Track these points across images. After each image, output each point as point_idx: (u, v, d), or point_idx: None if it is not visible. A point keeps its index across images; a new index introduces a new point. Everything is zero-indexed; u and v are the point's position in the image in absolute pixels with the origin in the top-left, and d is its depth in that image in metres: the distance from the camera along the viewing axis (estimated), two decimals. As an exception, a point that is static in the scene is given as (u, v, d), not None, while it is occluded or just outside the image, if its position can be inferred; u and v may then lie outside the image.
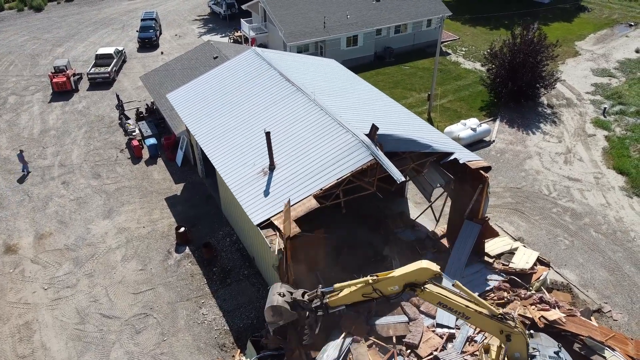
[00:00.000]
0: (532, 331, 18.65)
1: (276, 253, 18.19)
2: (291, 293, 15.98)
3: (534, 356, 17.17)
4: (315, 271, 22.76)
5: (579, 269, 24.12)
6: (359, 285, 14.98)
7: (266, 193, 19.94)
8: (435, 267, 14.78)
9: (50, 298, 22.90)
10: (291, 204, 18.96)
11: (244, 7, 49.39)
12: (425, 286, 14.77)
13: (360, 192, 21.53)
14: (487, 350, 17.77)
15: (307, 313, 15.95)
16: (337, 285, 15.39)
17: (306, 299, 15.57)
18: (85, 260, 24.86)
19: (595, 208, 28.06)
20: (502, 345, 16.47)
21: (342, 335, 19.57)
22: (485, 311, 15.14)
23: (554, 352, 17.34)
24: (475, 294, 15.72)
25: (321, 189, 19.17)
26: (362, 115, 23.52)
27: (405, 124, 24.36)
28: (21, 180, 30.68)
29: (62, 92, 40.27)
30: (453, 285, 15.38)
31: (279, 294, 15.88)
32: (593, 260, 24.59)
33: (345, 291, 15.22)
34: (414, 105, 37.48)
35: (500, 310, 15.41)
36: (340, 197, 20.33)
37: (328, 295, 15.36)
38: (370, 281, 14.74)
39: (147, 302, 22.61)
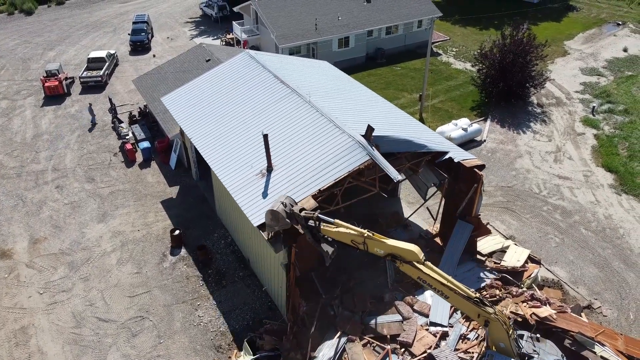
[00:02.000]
0: (539, 335, 18.88)
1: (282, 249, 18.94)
2: (292, 206, 17.24)
3: (532, 357, 17.47)
4: (311, 271, 23.04)
5: (569, 266, 24.52)
6: (355, 233, 16.25)
7: (265, 194, 20.10)
8: (421, 254, 16.10)
9: (46, 302, 22.96)
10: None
11: (235, 9, 49.50)
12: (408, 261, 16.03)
13: (363, 194, 21.84)
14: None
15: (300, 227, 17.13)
16: (337, 221, 16.61)
17: (303, 215, 16.73)
18: (81, 264, 24.93)
19: (584, 206, 28.49)
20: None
21: (338, 334, 19.83)
22: (461, 292, 16.05)
23: None
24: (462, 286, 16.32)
25: (319, 190, 19.37)
26: (357, 116, 23.77)
27: (400, 124, 24.65)
28: (91, 129, 35.74)
29: (54, 96, 40.22)
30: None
31: (282, 203, 17.20)
32: (583, 258, 24.99)
33: (341, 229, 16.48)
34: (406, 106, 37.80)
35: (477, 295, 16.20)
36: (339, 198, 20.54)
37: (323, 224, 16.61)
38: (365, 234, 16.08)
39: (143, 305, 22.73)
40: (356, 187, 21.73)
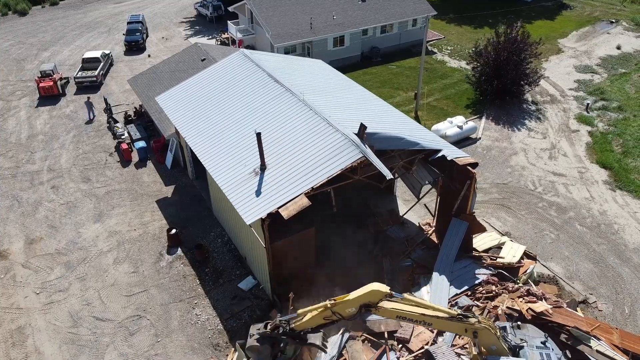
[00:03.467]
0: (519, 323, 19.11)
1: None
2: (258, 328, 16.03)
3: (522, 347, 17.61)
4: (309, 268, 23.06)
5: (565, 261, 24.66)
6: (320, 310, 15.44)
7: (258, 193, 20.15)
8: (385, 288, 15.39)
9: (42, 302, 22.91)
10: (283, 203, 19.21)
11: (230, 9, 49.47)
12: (380, 305, 15.32)
13: (357, 193, 21.81)
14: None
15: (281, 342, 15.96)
16: (300, 310, 15.82)
17: (268, 329, 15.74)
18: (77, 264, 24.89)
19: (579, 202, 28.65)
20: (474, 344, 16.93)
21: (340, 331, 19.89)
22: (443, 314, 15.65)
23: (541, 342, 17.82)
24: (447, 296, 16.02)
25: (312, 188, 19.44)
26: (351, 115, 23.83)
27: (394, 122, 24.71)
28: (88, 122, 36.56)
29: (49, 96, 40.10)
30: (402, 299, 15.75)
31: (250, 335, 15.99)
32: (578, 253, 25.14)
33: (308, 316, 15.64)
34: (401, 104, 37.90)
35: (458, 311, 15.89)
36: (332, 195, 20.58)
37: (294, 321, 15.72)
38: (329, 305, 15.27)
39: (140, 304, 22.72)
40: (351, 185, 21.81)
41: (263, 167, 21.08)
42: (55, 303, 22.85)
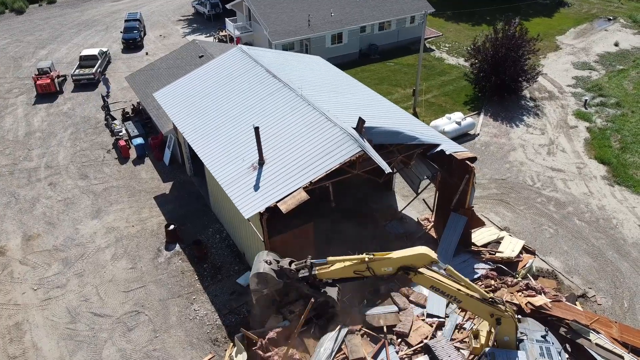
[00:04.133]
0: (519, 316, 19.10)
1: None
2: (278, 261, 15.51)
3: (522, 340, 17.60)
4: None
5: (564, 256, 24.65)
6: (354, 262, 14.82)
7: (256, 188, 20.08)
8: (433, 254, 14.96)
9: (40, 298, 22.82)
10: (282, 198, 19.14)
11: (228, 6, 49.45)
12: (420, 270, 14.92)
13: (356, 188, 21.80)
14: (476, 335, 18.15)
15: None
16: (330, 258, 15.17)
17: (293, 267, 15.17)
18: (75, 260, 24.80)
19: (578, 197, 28.65)
20: (492, 330, 16.85)
21: (338, 327, 19.82)
22: (476, 295, 15.45)
23: (541, 336, 17.80)
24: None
25: (311, 182, 19.38)
26: (349, 110, 23.78)
27: (392, 117, 24.69)
28: (106, 96, 37.84)
29: (47, 94, 39.98)
30: (445, 269, 15.67)
31: (266, 262, 15.39)
32: (577, 248, 25.14)
33: (338, 265, 15.02)
34: (400, 101, 37.85)
35: (491, 295, 15.75)
36: (330, 190, 20.55)
37: (317, 267, 15.06)
38: (366, 259, 14.63)
39: (138, 300, 22.65)
40: (350, 180, 21.76)
41: (261, 161, 21.02)
42: (53, 299, 22.76)
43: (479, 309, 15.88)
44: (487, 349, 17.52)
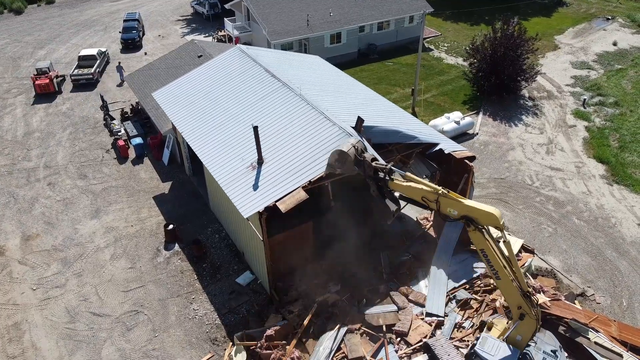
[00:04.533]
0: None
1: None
2: (363, 152, 15.77)
3: (529, 345, 17.54)
4: (305, 261, 22.99)
5: (563, 255, 24.68)
6: (428, 189, 14.81)
7: (255, 187, 20.11)
8: (501, 221, 14.57)
9: (39, 298, 22.81)
10: (281, 197, 19.16)
11: (227, 6, 49.43)
12: (481, 227, 14.65)
13: (355, 186, 21.81)
14: (490, 327, 18.18)
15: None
16: (409, 175, 15.27)
17: (373, 165, 15.33)
18: (74, 260, 24.78)
19: (577, 196, 28.68)
20: (510, 324, 16.77)
21: (337, 327, 19.86)
22: (518, 282, 15.04)
23: (551, 350, 17.61)
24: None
25: (310, 181, 19.40)
26: (348, 109, 23.81)
27: (391, 116, 24.71)
28: (120, 85, 40.92)
29: (45, 94, 39.93)
30: (504, 242, 14.98)
31: (354, 146, 15.61)
32: (576, 247, 25.17)
33: (412, 184, 15.04)
34: (399, 101, 37.85)
35: (531, 289, 15.34)
36: (329, 189, 20.56)
37: (396, 178, 15.15)
38: (440, 192, 14.59)
39: (137, 300, 22.64)
40: (348, 179, 21.74)
41: (260, 161, 21.04)
42: (52, 299, 22.75)
43: (512, 296, 15.54)
44: (478, 338, 17.62)
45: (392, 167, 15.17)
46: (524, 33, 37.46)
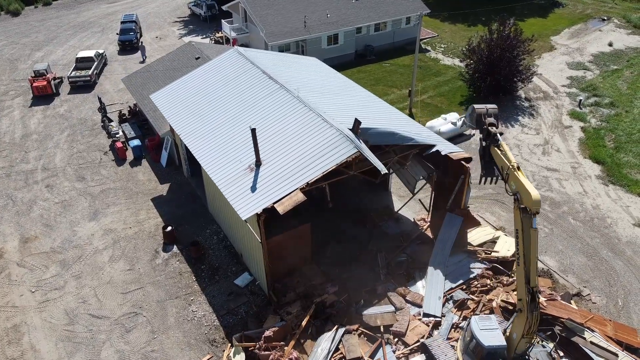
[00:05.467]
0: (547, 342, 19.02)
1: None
2: (488, 117, 17.63)
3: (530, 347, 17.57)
4: (304, 263, 23.13)
5: (559, 255, 24.85)
6: (507, 160, 16.39)
7: (253, 189, 20.22)
8: (538, 205, 15.36)
9: (38, 300, 22.87)
10: (279, 199, 19.28)
11: (224, 7, 49.51)
12: (523, 207, 15.65)
13: (353, 188, 21.94)
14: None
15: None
16: (503, 145, 16.93)
17: (489, 129, 17.30)
18: (73, 262, 24.86)
19: (573, 197, 28.87)
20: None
21: (335, 327, 19.97)
22: (528, 272, 15.92)
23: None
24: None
25: (307, 183, 19.52)
26: (345, 111, 23.94)
27: (388, 118, 24.85)
28: (142, 62, 44.53)
29: (43, 96, 39.97)
30: (533, 229, 15.80)
31: (485, 109, 17.80)
32: (572, 247, 25.34)
33: (499, 152, 16.84)
34: (395, 102, 38.02)
35: (537, 286, 16.11)
36: (327, 191, 20.67)
37: (495, 139, 17.09)
38: (510, 166, 16.14)
39: (136, 301, 22.72)
40: (346, 181, 21.90)
41: (258, 163, 21.15)
42: (51, 301, 22.82)
43: (519, 284, 16.46)
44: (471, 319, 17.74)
45: (499, 134, 17.27)
46: (520, 34, 37.66)
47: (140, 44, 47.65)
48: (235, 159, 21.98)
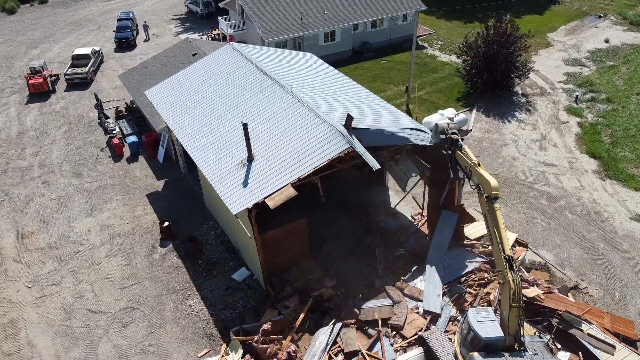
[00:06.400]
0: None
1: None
2: (448, 130, 19.64)
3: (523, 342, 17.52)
4: (301, 257, 23.09)
5: (556, 248, 24.90)
6: (467, 160, 18.74)
7: (245, 184, 20.16)
8: (496, 190, 17.62)
9: (34, 296, 22.81)
10: (270, 194, 19.21)
11: (221, 5, 49.44)
12: (485, 195, 17.83)
13: (347, 183, 21.85)
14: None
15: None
16: (465, 148, 19.22)
17: (452, 136, 19.35)
18: (69, 257, 24.79)
19: (570, 191, 28.92)
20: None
21: (333, 321, 19.96)
22: (501, 246, 17.07)
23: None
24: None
25: (299, 178, 19.47)
26: (339, 106, 23.88)
27: (382, 114, 24.79)
28: (146, 41, 46.71)
29: (39, 93, 39.85)
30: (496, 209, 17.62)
31: (447, 124, 19.83)
32: (569, 240, 25.39)
33: (462, 155, 19.12)
34: (393, 98, 38.03)
35: (510, 254, 16.95)
36: (319, 186, 20.58)
37: (459, 145, 19.30)
38: (472, 164, 18.47)
39: (133, 296, 22.67)
40: (344, 177, 21.83)
41: (250, 158, 21.08)
42: (48, 296, 22.76)
43: (497, 258, 17.50)
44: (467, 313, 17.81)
45: (461, 142, 19.25)
46: (517, 30, 37.69)
47: (144, 23, 50.32)
48: (228, 155, 21.91)
